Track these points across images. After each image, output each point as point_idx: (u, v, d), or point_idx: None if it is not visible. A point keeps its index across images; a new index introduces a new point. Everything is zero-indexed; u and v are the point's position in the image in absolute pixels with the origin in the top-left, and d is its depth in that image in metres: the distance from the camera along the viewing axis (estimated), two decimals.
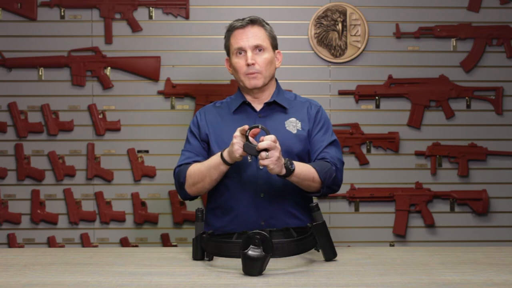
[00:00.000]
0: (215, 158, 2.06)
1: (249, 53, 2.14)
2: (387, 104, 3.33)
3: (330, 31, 3.30)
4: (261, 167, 1.91)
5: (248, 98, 2.23)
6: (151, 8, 3.31)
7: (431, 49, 3.32)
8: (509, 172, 3.32)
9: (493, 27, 3.31)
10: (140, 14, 3.32)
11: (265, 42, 2.17)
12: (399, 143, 3.31)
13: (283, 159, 1.94)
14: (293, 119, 2.21)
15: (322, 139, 2.20)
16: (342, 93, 3.31)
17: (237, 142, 1.94)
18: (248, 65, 2.14)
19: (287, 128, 2.19)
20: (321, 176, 2.08)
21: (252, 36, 2.16)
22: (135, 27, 3.30)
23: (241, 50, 2.16)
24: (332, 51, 3.30)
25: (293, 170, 1.97)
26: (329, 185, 2.13)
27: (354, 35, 3.30)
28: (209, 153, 2.20)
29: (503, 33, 3.31)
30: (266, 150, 1.87)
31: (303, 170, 2.03)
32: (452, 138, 3.32)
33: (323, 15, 3.30)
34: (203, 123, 2.24)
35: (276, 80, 2.29)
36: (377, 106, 3.32)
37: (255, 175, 2.11)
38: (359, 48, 3.30)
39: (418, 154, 3.32)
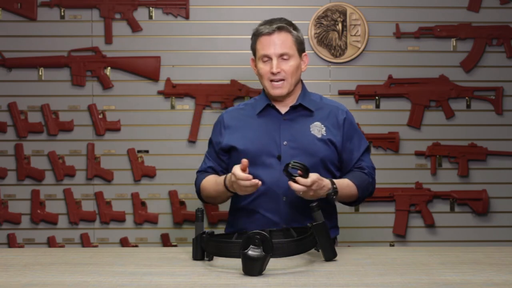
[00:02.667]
0: (222, 186, 2.10)
1: (275, 61, 2.13)
2: (387, 104, 3.33)
3: (330, 31, 3.30)
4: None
5: (273, 101, 2.22)
6: (151, 8, 3.31)
7: (431, 49, 3.32)
8: (509, 172, 3.32)
9: (493, 27, 3.31)
10: (140, 14, 3.32)
11: (292, 50, 2.15)
12: (399, 143, 3.31)
13: (322, 193, 1.99)
14: (318, 123, 2.19)
15: (358, 148, 2.24)
16: (342, 93, 3.31)
17: (250, 188, 1.96)
18: (273, 73, 2.14)
19: (312, 132, 2.17)
20: (360, 192, 2.18)
21: (278, 44, 2.14)
22: (135, 27, 3.30)
23: (267, 57, 2.15)
24: (332, 51, 3.30)
25: (335, 198, 2.05)
26: (363, 198, 2.24)
27: (354, 35, 3.30)
28: (230, 158, 2.22)
29: (503, 33, 3.31)
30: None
31: (346, 192, 2.12)
32: (452, 138, 3.32)
33: (323, 15, 3.30)
34: (224, 130, 2.23)
35: (302, 82, 2.27)
36: (377, 106, 3.32)
37: (278, 179, 2.11)
38: (359, 48, 3.30)
39: (418, 154, 3.31)
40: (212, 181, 2.19)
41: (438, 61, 3.32)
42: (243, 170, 1.94)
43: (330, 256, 1.82)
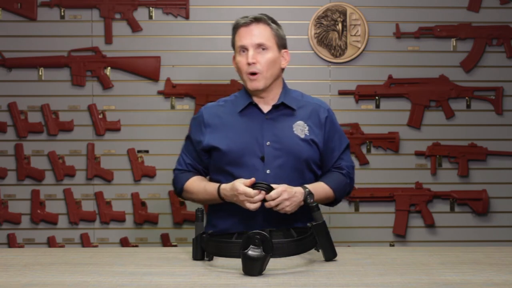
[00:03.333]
0: (215, 194, 2.08)
1: (251, 52, 2.10)
2: (387, 104, 3.33)
3: (330, 31, 3.30)
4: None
5: (254, 98, 2.17)
6: (151, 8, 3.31)
7: (431, 49, 3.32)
8: (509, 172, 3.32)
9: (493, 27, 3.31)
10: (140, 14, 3.32)
11: (269, 41, 2.12)
12: (399, 143, 3.31)
13: (298, 200, 1.97)
14: (300, 122, 2.16)
15: (339, 147, 2.21)
16: (342, 93, 3.31)
17: (248, 203, 1.96)
18: (249, 64, 2.10)
19: (295, 132, 2.15)
20: (337, 194, 2.17)
21: (255, 34, 2.11)
22: (135, 27, 3.30)
23: (244, 48, 2.12)
24: (332, 51, 3.30)
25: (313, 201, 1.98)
26: (341, 199, 2.23)
27: (354, 35, 3.30)
28: (211, 157, 2.18)
29: (503, 33, 3.31)
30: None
31: (321, 196, 2.11)
32: (452, 138, 3.32)
33: (323, 15, 3.30)
34: (204, 129, 2.18)
35: (283, 80, 2.23)
36: (377, 106, 3.32)
37: (262, 179, 2.09)
38: (359, 48, 3.30)
39: (418, 154, 3.31)
40: (200, 188, 2.15)
41: (438, 61, 3.32)
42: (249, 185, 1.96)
43: (330, 256, 1.82)
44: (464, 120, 3.32)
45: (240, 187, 1.95)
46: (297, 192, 1.97)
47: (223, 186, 2.05)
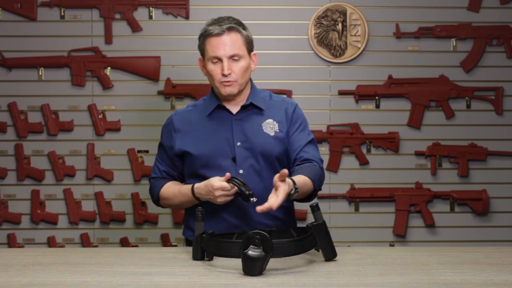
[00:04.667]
0: (189, 195, 2.08)
1: (225, 63, 2.07)
2: (387, 104, 3.33)
3: (330, 31, 3.30)
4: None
5: (223, 101, 2.17)
6: (151, 8, 3.31)
7: (431, 49, 3.32)
8: (509, 172, 3.32)
9: (493, 27, 3.31)
10: (140, 14, 3.32)
11: (241, 50, 2.10)
12: (399, 143, 3.31)
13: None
14: (270, 121, 2.16)
15: (301, 138, 2.17)
16: (342, 93, 3.31)
17: (223, 197, 1.98)
18: (224, 75, 2.09)
19: (264, 130, 2.14)
20: (316, 185, 2.08)
21: (228, 45, 2.08)
22: (135, 27, 3.30)
23: (217, 59, 2.10)
24: (332, 51, 3.30)
25: (295, 196, 1.95)
26: (318, 191, 2.13)
27: (354, 35, 3.30)
28: (183, 161, 2.18)
29: (503, 33, 3.31)
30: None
31: (304, 189, 2.01)
32: (452, 138, 3.32)
33: (323, 15, 3.30)
34: (175, 134, 2.18)
35: (251, 80, 2.22)
36: (377, 106, 3.32)
37: None
38: (359, 48, 3.30)
39: (418, 154, 3.32)
40: (175, 191, 2.15)
41: (438, 61, 3.32)
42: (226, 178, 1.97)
43: (330, 256, 1.82)
44: (464, 120, 3.32)
45: (217, 182, 1.97)
46: (289, 189, 1.91)
47: (197, 185, 2.06)
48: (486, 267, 1.72)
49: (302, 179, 2.01)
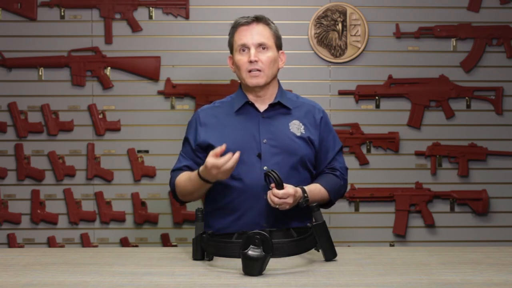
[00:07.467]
0: (197, 179, 2.05)
1: (253, 50, 2.12)
2: (387, 104, 3.33)
3: (330, 31, 3.30)
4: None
5: (251, 98, 2.19)
6: (151, 8, 3.31)
7: (431, 49, 3.32)
8: (509, 172, 3.32)
9: (493, 27, 3.31)
10: (140, 14, 3.32)
11: (269, 41, 2.16)
12: (399, 143, 3.31)
13: (296, 201, 1.99)
14: (296, 122, 2.19)
15: (333, 147, 2.24)
16: (342, 93, 3.31)
17: (221, 174, 1.97)
18: (250, 61, 2.12)
19: (291, 130, 2.17)
20: (332, 196, 2.18)
21: (256, 34, 2.14)
22: (135, 27, 3.30)
23: (245, 47, 2.15)
24: (332, 51, 3.30)
25: (305, 206, 2.02)
26: (335, 201, 2.24)
27: (354, 35, 3.30)
28: (207, 155, 2.18)
29: (503, 33, 3.31)
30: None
31: (317, 198, 2.10)
32: (452, 138, 3.32)
33: (323, 15, 3.30)
34: (200, 127, 2.20)
35: (279, 81, 2.26)
36: (377, 106, 3.32)
37: (259, 178, 2.09)
38: (359, 48, 3.30)
39: (418, 154, 3.32)
40: (185, 177, 2.15)
41: (438, 61, 3.32)
42: (218, 155, 1.94)
43: (330, 256, 1.82)
44: (464, 120, 3.32)
45: (209, 160, 1.95)
46: (299, 197, 2.00)
47: (201, 167, 2.04)
48: (486, 267, 1.72)
49: (316, 189, 2.11)
